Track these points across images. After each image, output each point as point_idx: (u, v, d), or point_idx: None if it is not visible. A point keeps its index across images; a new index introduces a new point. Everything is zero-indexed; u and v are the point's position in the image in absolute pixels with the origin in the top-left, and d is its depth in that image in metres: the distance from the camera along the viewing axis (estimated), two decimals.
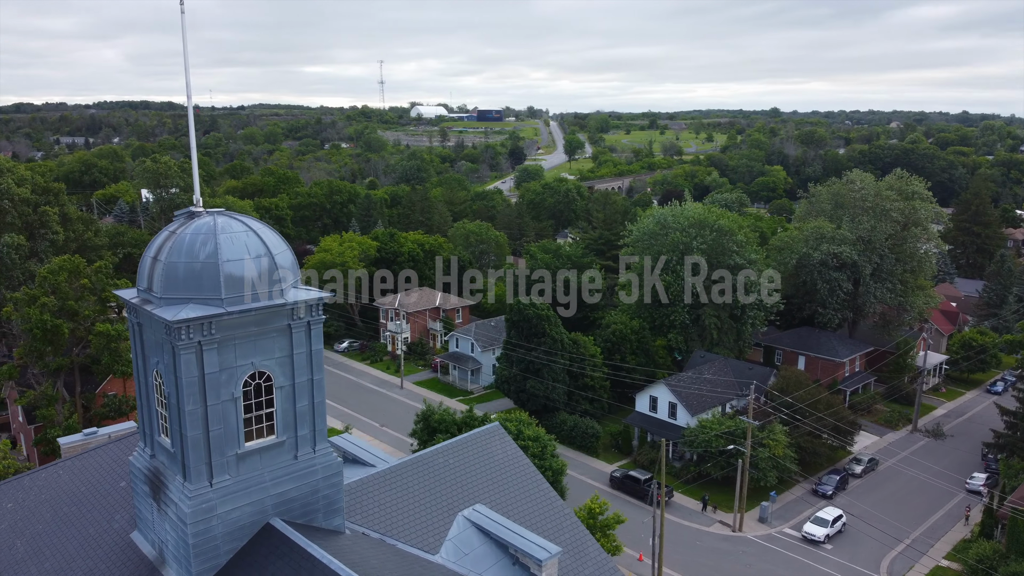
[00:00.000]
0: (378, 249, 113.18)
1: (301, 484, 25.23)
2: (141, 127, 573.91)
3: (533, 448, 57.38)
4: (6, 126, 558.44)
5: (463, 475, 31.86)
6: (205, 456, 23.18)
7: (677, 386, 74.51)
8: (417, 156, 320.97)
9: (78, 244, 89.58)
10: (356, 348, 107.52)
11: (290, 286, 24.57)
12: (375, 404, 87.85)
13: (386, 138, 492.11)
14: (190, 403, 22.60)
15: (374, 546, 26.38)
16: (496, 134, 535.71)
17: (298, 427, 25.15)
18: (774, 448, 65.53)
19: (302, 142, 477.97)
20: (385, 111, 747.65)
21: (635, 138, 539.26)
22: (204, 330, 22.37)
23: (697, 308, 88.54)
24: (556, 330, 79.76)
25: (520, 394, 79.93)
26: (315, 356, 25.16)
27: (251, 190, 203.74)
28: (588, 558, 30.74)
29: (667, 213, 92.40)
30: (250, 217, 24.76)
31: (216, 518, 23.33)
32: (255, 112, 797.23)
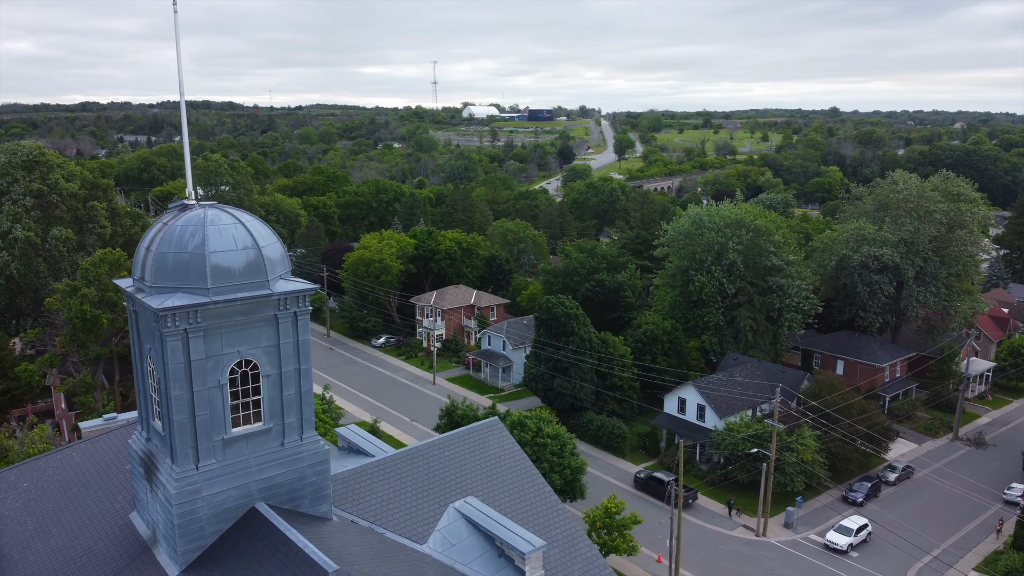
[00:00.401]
0: (416, 247, 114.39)
1: (287, 470, 25.90)
2: (201, 126, 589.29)
3: (552, 446, 57.50)
4: (72, 124, 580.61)
5: (458, 468, 32.20)
6: (191, 440, 24.00)
7: (706, 388, 73.63)
8: (465, 156, 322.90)
9: (125, 238, 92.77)
10: (392, 344, 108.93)
11: (277, 277, 25.22)
12: (407, 399, 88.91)
13: (437, 138, 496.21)
14: (176, 388, 23.44)
15: (360, 533, 26.90)
16: (546, 134, 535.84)
17: (285, 415, 25.82)
18: (802, 453, 64.29)
19: (355, 142, 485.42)
20: (438, 111, 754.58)
21: (688, 137, 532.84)
22: (190, 318, 23.17)
23: (732, 309, 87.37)
24: (584, 329, 79.56)
25: (548, 392, 80.00)
26: (302, 346, 25.77)
27: (301, 188, 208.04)
28: (578, 554, 30.78)
29: (703, 213, 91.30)
30: (241, 211, 25.51)
31: (201, 500, 24.13)
32: (312, 112, 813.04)
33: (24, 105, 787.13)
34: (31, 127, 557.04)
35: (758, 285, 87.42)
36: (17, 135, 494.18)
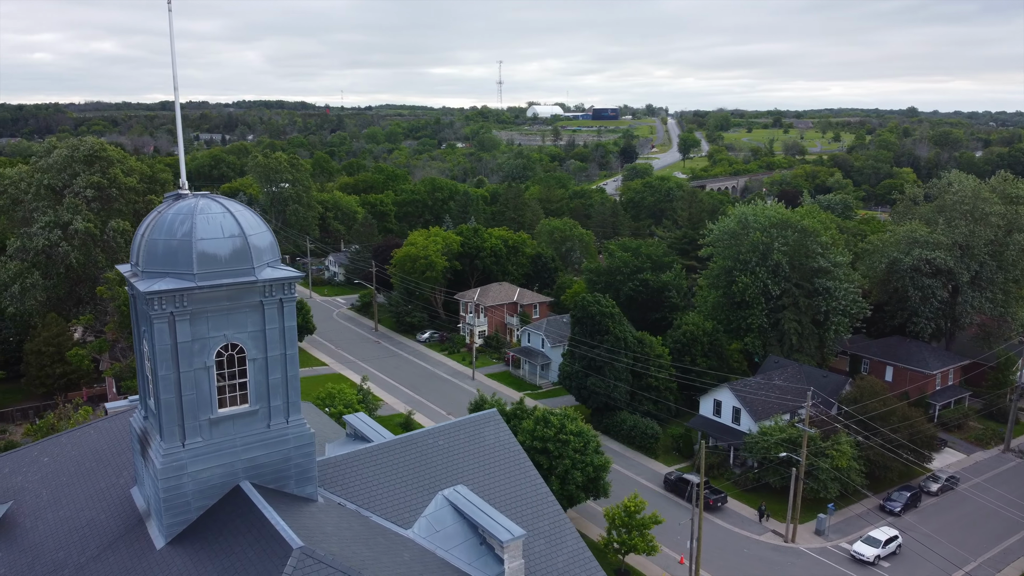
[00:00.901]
0: (461, 244, 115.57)
1: (272, 451, 26.86)
2: (273, 125, 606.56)
3: (575, 443, 57.57)
4: (151, 122, 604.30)
5: (452, 457, 32.73)
6: (178, 418, 25.15)
7: (742, 391, 72.40)
8: (523, 155, 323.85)
9: None
10: (436, 339, 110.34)
11: (264, 265, 26.14)
12: (446, 393, 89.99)
13: (500, 138, 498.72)
14: (163, 369, 24.61)
15: (343, 515, 27.68)
16: (610, 132, 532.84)
17: (271, 398, 26.78)
18: (837, 459, 62.62)
19: (420, 141, 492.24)
20: (503, 111, 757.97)
21: (756, 137, 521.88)
22: (176, 302, 24.29)
23: (776, 312, 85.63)
24: (620, 328, 79.15)
25: (581, 391, 79.88)
26: (288, 332, 26.69)
27: (362, 186, 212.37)
28: (564, 546, 30.95)
29: (748, 212, 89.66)
30: (232, 201, 26.53)
31: (187, 476, 25.27)
32: (380, 112, 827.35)
33: (107, 103, 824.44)
34: (112, 124, 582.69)
35: (804, 287, 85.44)
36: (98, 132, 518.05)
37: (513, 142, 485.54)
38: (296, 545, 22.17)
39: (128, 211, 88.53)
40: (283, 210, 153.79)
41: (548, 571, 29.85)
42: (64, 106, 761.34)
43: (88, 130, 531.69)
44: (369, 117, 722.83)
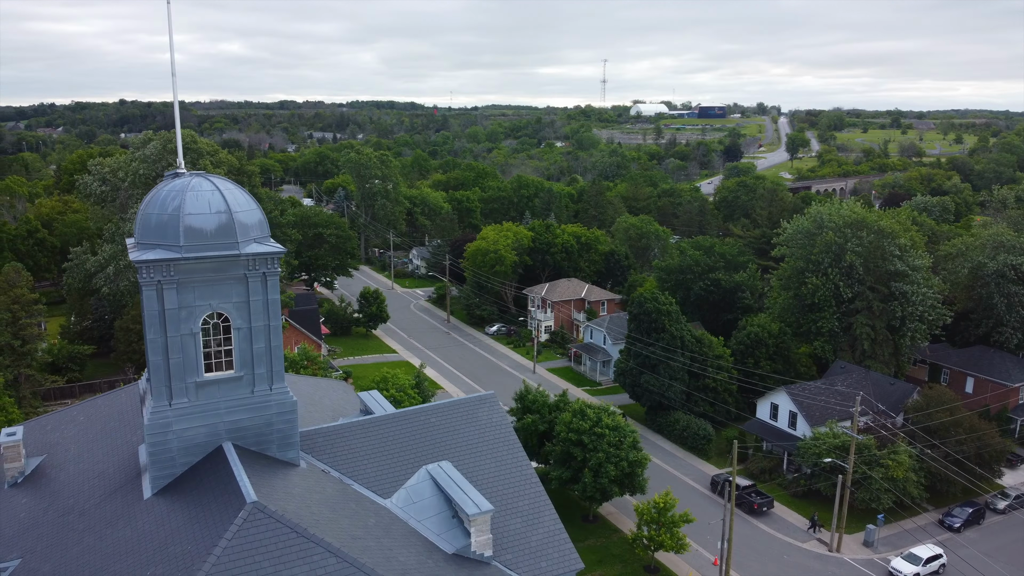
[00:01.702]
0: (532, 239, 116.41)
1: (255, 416, 28.61)
2: (382, 125, 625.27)
3: (610, 437, 57.39)
4: (268, 120, 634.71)
5: (443, 434, 33.69)
6: (166, 380, 27.20)
7: (799, 395, 70.04)
8: (618, 153, 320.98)
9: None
10: (503, 332, 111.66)
11: (250, 240, 27.88)
12: (505, 384, 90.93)
13: (600, 136, 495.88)
14: (151, 332, 26.71)
15: (321, 481, 29.13)
16: (715, 131, 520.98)
17: (255, 365, 28.53)
18: (893, 470, 59.73)
19: (520, 140, 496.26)
20: (606, 110, 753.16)
21: (871, 137, 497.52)
22: (164, 271, 26.31)
23: (848, 315, 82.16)
24: (676, 326, 77.98)
25: (635, 388, 79.20)
26: (271, 304, 28.35)
27: (453, 183, 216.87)
28: (541, 526, 31.36)
29: (823, 211, 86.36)
30: (226, 180, 28.40)
31: (172, 434, 27.31)
32: (485, 112, 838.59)
33: (229, 102, 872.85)
34: (232, 122, 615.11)
35: (879, 291, 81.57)
36: (220, 129, 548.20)
37: (613, 140, 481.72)
38: (250, 500, 23.69)
39: None
40: (372, 204, 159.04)
41: (522, 548, 30.35)
42: (190, 104, 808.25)
43: (211, 127, 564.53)
44: (473, 117, 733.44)
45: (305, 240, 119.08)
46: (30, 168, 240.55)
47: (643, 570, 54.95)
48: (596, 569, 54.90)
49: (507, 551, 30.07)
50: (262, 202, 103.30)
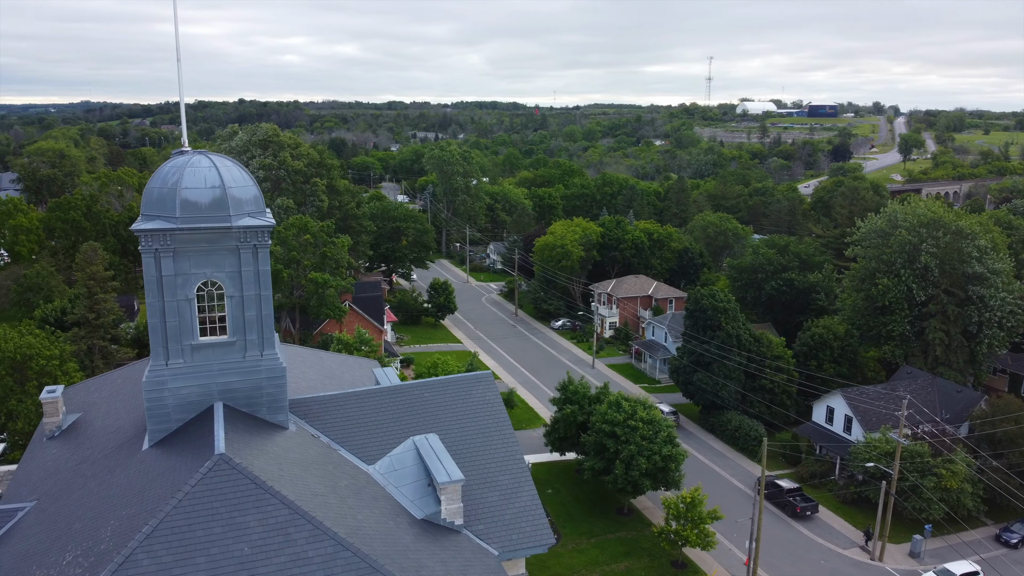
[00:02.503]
0: (602, 235, 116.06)
1: (245, 379, 30.57)
2: (482, 124, 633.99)
3: (643, 430, 57.09)
4: (375, 120, 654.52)
5: (436, 408, 34.87)
6: (163, 341, 29.51)
7: (856, 399, 67.35)
8: (714, 151, 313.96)
9: (342, 212, 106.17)
10: (568, 327, 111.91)
11: (244, 215, 29.81)
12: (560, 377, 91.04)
13: (702, 135, 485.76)
14: (150, 297, 29.06)
15: (305, 443, 30.83)
16: (825, 130, 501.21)
17: (247, 332, 30.49)
18: (947, 479, 56.75)
19: (617, 139, 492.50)
20: (711, 108, 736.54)
21: (993, 139, 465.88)
22: (161, 240, 28.57)
23: (921, 320, 78.21)
24: (733, 324, 76.33)
25: (688, 387, 78.05)
26: (262, 275, 30.22)
27: (540, 180, 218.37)
28: (518, 500, 32.05)
29: (898, 210, 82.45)
30: (224, 158, 30.48)
31: (168, 391, 29.59)
32: (587, 111, 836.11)
33: (340, 103, 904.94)
34: (342, 122, 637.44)
35: (955, 295, 77.24)
36: (329, 128, 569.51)
37: (715, 139, 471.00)
38: (218, 452, 25.51)
39: (293, 190, 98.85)
40: (453, 200, 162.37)
41: (495, 520, 31.15)
42: (304, 104, 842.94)
43: (321, 126, 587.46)
44: (572, 116, 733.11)
45: (384, 233, 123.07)
46: (148, 161, 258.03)
47: (670, 565, 54.44)
48: (622, 561, 54.81)
49: (480, 522, 30.93)
50: (340, 194, 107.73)
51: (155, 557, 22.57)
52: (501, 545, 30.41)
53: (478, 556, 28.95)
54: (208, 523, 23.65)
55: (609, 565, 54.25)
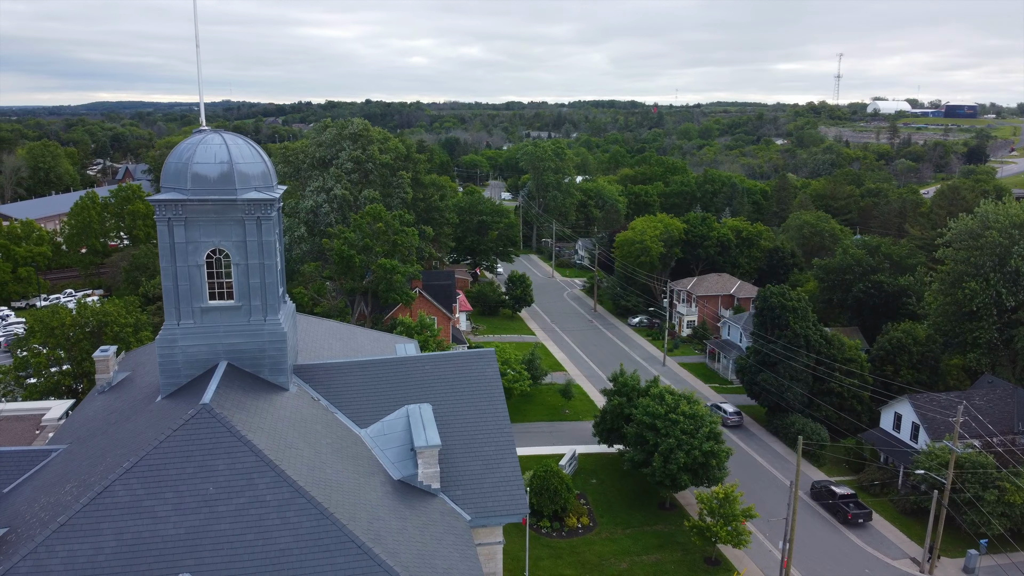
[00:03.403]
0: (686, 231, 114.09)
1: (249, 341, 32.98)
2: (596, 123, 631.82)
3: (684, 424, 56.52)
4: (491, 120, 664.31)
5: (435, 380, 36.27)
6: (175, 303, 32.31)
7: (924, 406, 63.77)
8: (832, 151, 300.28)
9: (425, 204, 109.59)
10: (645, 324, 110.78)
11: (250, 188, 32.21)
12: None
13: (826, 134, 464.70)
14: (164, 262, 31.90)
15: (302, 404, 32.95)
16: (961, 132, 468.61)
17: (252, 298, 32.89)
18: (1011, 494, 53.02)
19: (735, 137, 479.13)
20: (840, 107, 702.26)
21: None
22: (173, 210, 31.36)
23: (1011, 327, 73.01)
24: (801, 324, 73.74)
25: (752, 387, 76.03)
26: (265, 245, 32.49)
27: (640, 177, 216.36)
28: (499, 471, 32.98)
29: (990, 211, 77.12)
30: (236, 136, 32.98)
31: (178, 349, 32.37)
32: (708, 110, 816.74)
33: (460, 103, 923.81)
34: (460, 121, 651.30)
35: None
36: (448, 128, 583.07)
37: (841, 139, 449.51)
38: (203, 402, 27.90)
39: (379, 182, 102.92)
40: (544, 195, 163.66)
41: (474, 488, 32.22)
42: (426, 104, 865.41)
43: (440, 126, 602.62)
44: (690, 114, 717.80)
45: (470, 226, 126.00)
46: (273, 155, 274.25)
47: (703, 561, 53.67)
48: (654, 553, 54.54)
49: (459, 488, 32.10)
50: (424, 187, 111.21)
51: (130, 489, 25.07)
52: (475, 511, 31.46)
53: (446, 518, 30.14)
54: (182, 464, 25.98)
55: (640, 556, 54.09)
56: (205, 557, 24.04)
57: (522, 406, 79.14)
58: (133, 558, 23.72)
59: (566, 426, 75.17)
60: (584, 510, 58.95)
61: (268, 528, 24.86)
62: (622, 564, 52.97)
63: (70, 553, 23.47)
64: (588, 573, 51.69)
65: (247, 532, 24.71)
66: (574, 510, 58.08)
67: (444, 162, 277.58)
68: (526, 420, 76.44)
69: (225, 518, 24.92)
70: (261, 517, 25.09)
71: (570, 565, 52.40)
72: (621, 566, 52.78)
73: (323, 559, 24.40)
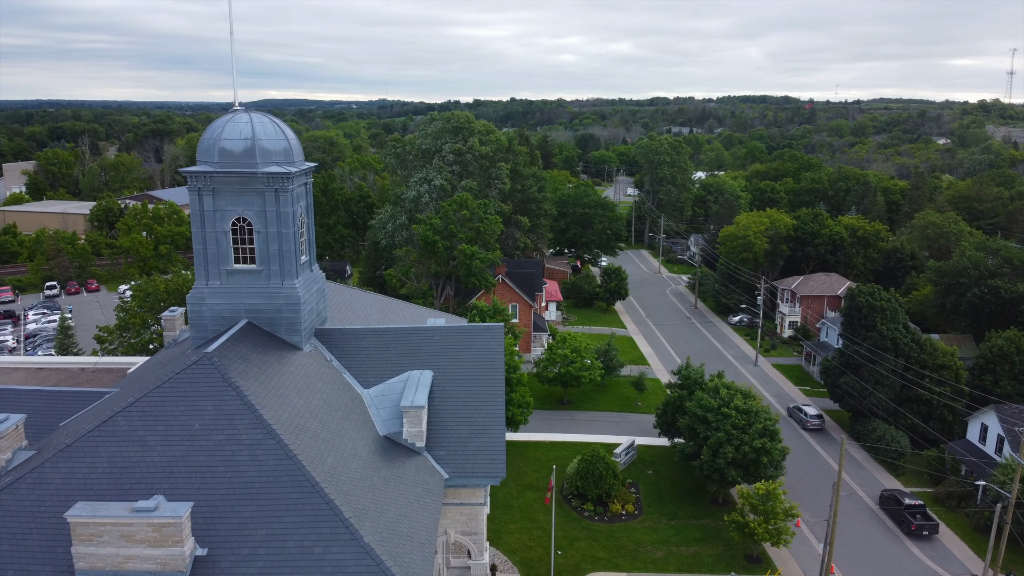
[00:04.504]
0: (795, 228, 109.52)
1: (267, 303, 36.21)
2: (742, 118, 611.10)
3: (735, 419, 55.46)
4: (632, 116, 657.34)
5: (441, 350, 38.24)
6: (204, 265, 36.04)
7: (1010, 418, 58.84)
8: (990, 150, 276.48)
9: (523, 196, 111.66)
10: (744, 323, 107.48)
11: (271, 163, 35.39)
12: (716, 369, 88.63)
13: (994, 134, 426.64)
14: (195, 227, 35.67)
15: (311, 363, 35.83)
16: None
17: (271, 263, 36.11)
18: None
19: (890, 135, 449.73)
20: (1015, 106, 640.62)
21: None
22: (202, 180, 35.04)
23: None
24: (889, 326, 69.69)
25: (835, 389, 72.68)
26: (282, 216, 35.54)
27: (773, 173, 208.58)
28: (484, 437, 34.44)
29: None
30: (263, 116, 36.27)
31: (205, 306, 36.07)
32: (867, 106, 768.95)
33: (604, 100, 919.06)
34: (600, 118, 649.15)
35: None
36: (587, 124, 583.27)
37: (1010, 139, 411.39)
38: (207, 351, 31.26)
39: (478, 173, 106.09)
40: (659, 190, 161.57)
41: (458, 449, 33.88)
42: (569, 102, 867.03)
43: (580, 123, 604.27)
44: (844, 110, 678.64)
45: (573, 218, 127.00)
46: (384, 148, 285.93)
47: (744, 557, 52.55)
48: (694, 546, 53.96)
49: (443, 448, 33.88)
50: (524, 179, 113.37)
51: (129, 421, 28.67)
52: (454, 471, 33.12)
53: (421, 474, 32.00)
54: (176, 403, 29.32)
55: (679, 547, 53.68)
56: (179, 483, 27.14)
57: (594, 396, 79.65)
58: (120, 479, 27.19)
59: (635, 418, 74.97)
60: (631, 498, 59.03)
61: (238, 463, 27.65)
62: (658, 553, 52.81)
63: (69, 470, 27.25)
64: (621, 557, 51.98)
65: (219, 465, 27.61)
66: (619, 497, 58.30)
67: (570, 157, 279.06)
68: (596, 409, 76.92)
69: (203, 451, 27.95)
70: (234, 453, 27.92)
71: (605, 548, 52.86)
72: (657, 554, 52.64)
73: (279, 493, 26.88)
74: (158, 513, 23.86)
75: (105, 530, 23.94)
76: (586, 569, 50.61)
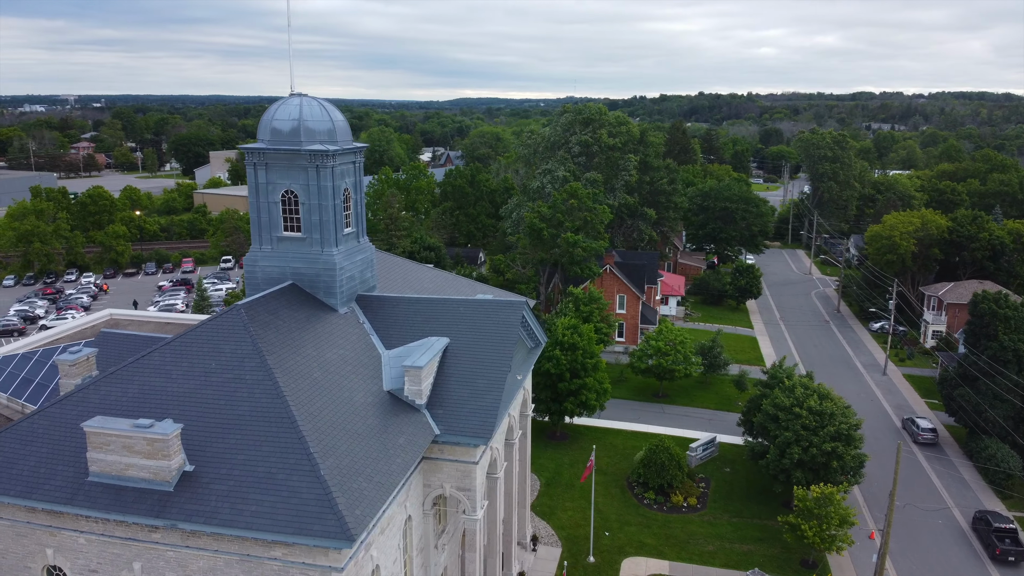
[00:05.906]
0: (950, 230, 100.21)
1: (309, 267, 40.47)
2: (951, 116, 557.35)
3: (805, 419, 53.51)
4: (828, 111, 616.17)
5: (463, 320, 40.83)
6: (258, 231, 40.93)
7: None
8: None
9: (651, 188, 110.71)
10: (885, 331, 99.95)
11: (316, 142, 39.53)
12: (834, 378, 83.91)
13: None
14: (251, 197, 40.65)
15: (342, 324, 39.67)
16: None
17: (313, 232, 40.35)
18: None
19: None
20: None
21: None
22: (256, 156, 39.87)
23: None
24: (1013, 336, 63.04)
25: (950, 403, 66.82)
26: (323, 190, 39.56)
27: (961, 174, 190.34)
28: (480, 401, 36.58)
29: None
30: (312, 99, 40.51)
31: (258, 268, 40.97)
32: None
33: (799, 94, 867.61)
34: (792, 113, 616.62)
35: None
36: (777, 119, 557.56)
37: None
38: (239, 303, 35.90)
39: (605, 165, 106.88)
40: (819, 187, 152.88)
41: (454, 409, 36.27)
42: (761, 96, 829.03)
43: (770, 117, 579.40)
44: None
45: (713, 213, 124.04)
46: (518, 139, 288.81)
47: (799, 561, 50.64)
48: (749, 544, 52.78)
49: (441, 407, 36.45)
50: (654, 171, 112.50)
51: (162, 357, 33.74)
52: (446, 427, 35.58)
53: (411, 426, 34.73)
54: (202, 344, 34.08)
55: (733, 543, 52.67)
56: (187, 410, 31.67)
57: (692, 391, 78.57)
58: (143, 403, 32.18)
59: (731, 416, 73.10)
60: (696, 491, 58.34)
61: (237, 398, 31.78)
62: (708, 547, 52.10)
63: (107, 393, 32.63)
64: (667, 546, 51.88)
65: (221, 398, 31.89)
66: (682, 488, 57.83)
67: (741, 152, 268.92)
68: (691, 405, 75.90)
69: (213, 386, 32.37)
70: (235, 390, 32.10)
71: (654, 536, 52.95)
72: (707, 548, 51.97)
73: (264, 426, 30.63)
74: (151, 430, 28.45)
75: (112, 440, 28.87)
76: (629, 553, 51.07)
